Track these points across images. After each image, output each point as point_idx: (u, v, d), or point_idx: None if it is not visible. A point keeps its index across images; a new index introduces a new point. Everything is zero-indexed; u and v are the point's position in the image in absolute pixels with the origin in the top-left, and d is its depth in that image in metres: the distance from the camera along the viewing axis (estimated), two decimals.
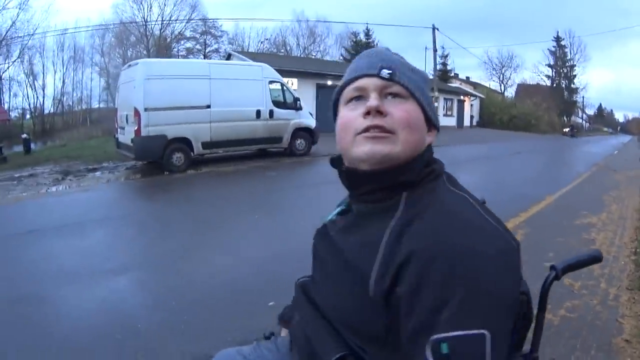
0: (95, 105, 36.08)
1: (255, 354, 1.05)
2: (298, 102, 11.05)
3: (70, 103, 35.45)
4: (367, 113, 0.77)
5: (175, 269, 3.81)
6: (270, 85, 10.63)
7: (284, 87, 11.06)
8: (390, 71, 0.79)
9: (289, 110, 10.84)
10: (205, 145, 9.57)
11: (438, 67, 25.47)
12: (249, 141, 10.34)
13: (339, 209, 0.91)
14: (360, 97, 0.80)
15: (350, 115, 0.80)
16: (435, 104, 17.25)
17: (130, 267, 3.89)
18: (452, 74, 42.18)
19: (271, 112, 10.42)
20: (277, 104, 10.62)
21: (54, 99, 34.49)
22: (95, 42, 32.67)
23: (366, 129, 0.76)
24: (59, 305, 3.20)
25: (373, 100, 0.77)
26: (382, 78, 0.78)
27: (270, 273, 3.64)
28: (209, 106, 9.44)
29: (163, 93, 8.79)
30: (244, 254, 4.20)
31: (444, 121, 24.00)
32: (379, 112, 0.76)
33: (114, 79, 30.76)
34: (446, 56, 40.22)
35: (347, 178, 0.83)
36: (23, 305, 3.15)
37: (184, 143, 9.16)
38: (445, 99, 27.17)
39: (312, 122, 11.42)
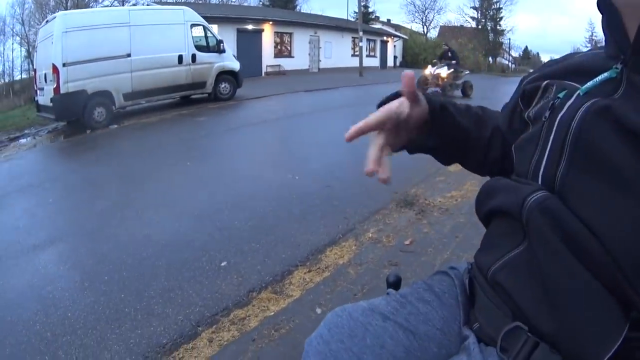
0: (17, 76, 33.24)
1: (405, 311, 0.70)
2: (221, 44, 10.79)
3: None
4: None
5: (107, 234, 3.35)
6: (192, 29, 10.25)
7: (207, 30, 10.70)
8: None
9: (212, 54, 10.57)
10: (127, 96, 9.16)
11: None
12: (172, 88, 9.96)
13: (600, 78, 0.58)
14: None
15: None
16: (360, 44, 17.25)
17: (56, 239, 3.38)
18: (374, 17, 42.37)
19: (194, 57, 10.14)
20: (199, 48, 10.33)
21: None
22: (16, 12, 29.68)
23: None
24: None
25: None
26: None
27: (214, 227, 3.29)
28: (129, 55, 9.04)
29: (83, 46, 8.32)
30: (182, 207, 3.81)
31: (367, 62, 24.45)
32: None
33: (34, 47, 28.28)
34: None
35: None
36: None
37: (105, 96, 8.73)
38: (368, 39, 27.45)
39: (236, 65, 11.17)
